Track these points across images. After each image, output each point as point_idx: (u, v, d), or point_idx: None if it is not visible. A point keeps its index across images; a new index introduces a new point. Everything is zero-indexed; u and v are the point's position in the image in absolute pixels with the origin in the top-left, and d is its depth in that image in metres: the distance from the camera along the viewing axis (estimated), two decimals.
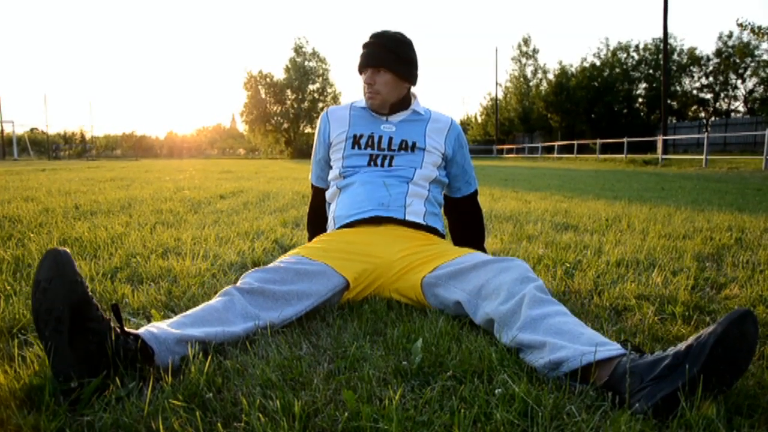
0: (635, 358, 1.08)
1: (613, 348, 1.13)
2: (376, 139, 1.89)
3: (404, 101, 1.94)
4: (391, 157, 1.88)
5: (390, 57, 1.84)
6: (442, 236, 1.93)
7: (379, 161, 1.87)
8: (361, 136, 1.91)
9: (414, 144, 1.89)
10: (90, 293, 1.12)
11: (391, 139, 1.89)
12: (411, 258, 1.66)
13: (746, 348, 1.01)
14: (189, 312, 1.34)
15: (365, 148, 1.89)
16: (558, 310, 1.29)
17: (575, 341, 1.17)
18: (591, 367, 1.10)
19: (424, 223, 1.81)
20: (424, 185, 1.88)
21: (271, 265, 1.57)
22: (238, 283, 1.47)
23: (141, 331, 1.19)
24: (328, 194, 2.00)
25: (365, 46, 1.89)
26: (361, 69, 1.89)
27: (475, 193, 2.13)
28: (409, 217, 1.78)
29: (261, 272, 1.50)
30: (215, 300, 1.40)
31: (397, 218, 1.77)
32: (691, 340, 1.04)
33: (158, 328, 1.22)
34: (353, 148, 1.90)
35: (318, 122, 2.06)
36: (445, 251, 1.67)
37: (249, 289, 1.43)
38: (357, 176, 1.86)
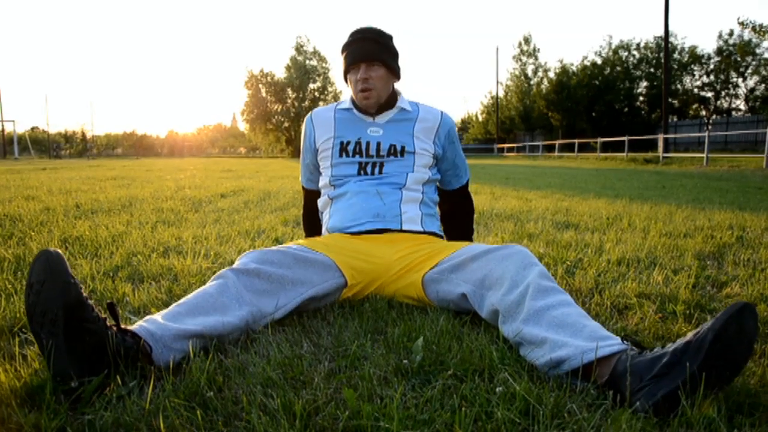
0: (635, 355, 1.07)
1: (613, 343, 1.12)
2: (363, 146, 1.83)
3: (391, 99, 1.88)
4: (381, 164, 1.82)
5: (382, 50, 1.80)
6: (441, 238, 1.91)
7: (368, 169, 1.82)
8: (348, 143, 1.84)
9: (403, 148, 1.83)
10: (84, 294, 1.11)
11: (379, 144, 1.83)
12: (411, 257, 1.66)
13: (745, 342, 1.00)
14: (183, 300, 1.34)
15: (353, 156, 1.83)
16: (561, 300, 1.28)
17: (577, 335, 1.16)
18: (592, 365, 1.10)
19: (422, 230, 1.79)
20: (418, 188, 1.84)
21: (271, 247, 1.57)
22: (236, 263, 1.47)
23: (136, 327, 1.18)
24: (320, 203, 1.97)
25: (351, 43, 1.81)
26: (352, 66, 1.81)
27: (466, 184, 2.10)
28: (405, 227, 1.76)
29: (259, 253, 1.51)
30: (209, 284, 1.39)
31: (394, 229, 1.75)
32: (689, 336, 1.03)
33: (154, 323, 1.21)
34: (341, 155, 1.84)
35: (303, 126, 2.00)
36: (444, 247, 1.66)
37: (244, 270, 1.42)
38: (348, 186, 1.82)
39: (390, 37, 1.85)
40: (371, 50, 1.78)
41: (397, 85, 1.94)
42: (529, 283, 1.32)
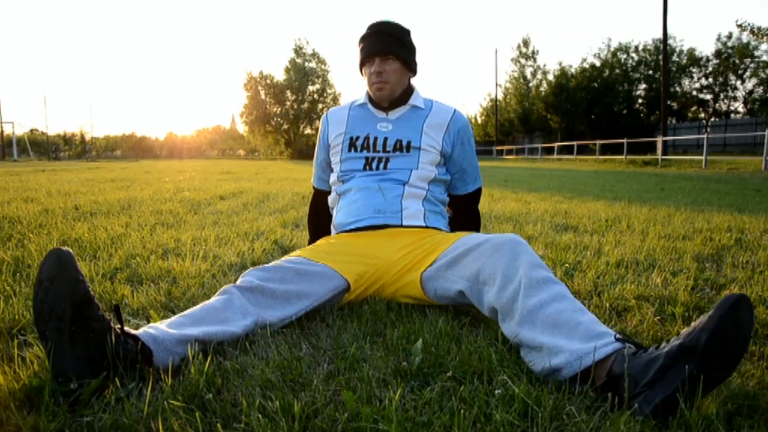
0: (630, 357, 1.07)
1: (608, 342, 1.11)
2: (371, 141, 1.83)
3: (405, 94, 1.86)
4: (387, 160, 1.81)
5: (398, 44, 1.79)
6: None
7: (374, 164, 1.81)
8: (357, 138, 1.85)
9: (409, 143, 1.81)
10: (92, 292, 1.13)
11: (386, 140, 1.82)
12: (410, 256, 1.65)
13: (742, 337, 0.97)
14: (187, 312, 1.34)
15: (361, 151, 1.84)
16: (554, 293, 1.27)
17: (572, 335, 1.16)
18: (589, 367, 1.10)
19: (425, 225, 1.76)
20: (422, 186, 1.81)
21: (271, 264, 1.57)
22: (238, 282, 1.47)
23: (139, 332, 1.19)
24: (330, 200, 1.97)
25: (368, 36, 1.81)
26: (367, 59, 1.81)
27: (474, 194, 2.01)
28: (406, 222, 1.74)
29: (261, 270, 1.50)
30: (214, 299, 1.40)
31: (394, 225, 1.74)
32: (682, 336, 1.02)
33: (156, 329, 1.22)
34: (350, 150, 1.85)
35: (320, 124, 2.03)
36: (440, 241, 1.65)
37: (249, 287, 1.43)
38: (353, 182, 1.82)
39: (407, 32, 1.84)
40: (386, 44, 1.78)
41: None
42: (521, 277, 1.31)
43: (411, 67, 1.85)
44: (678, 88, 38.72)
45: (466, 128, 1.91)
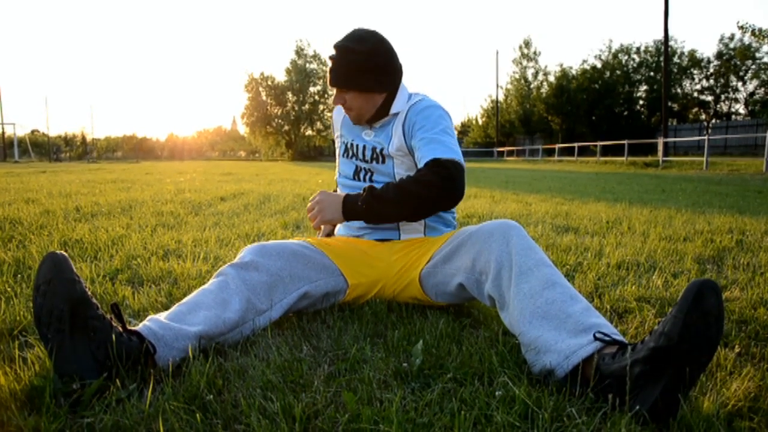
0: (608, 361, 1.06)
1: (589, 341, 1.11)
2: (357, 149, 1.79)
3: (382, 109, 1.70)
4: (371, 172, 1.76)
5: (351, 75, 1.63)
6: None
7: (361, 175, 1.78)
8: (347, 143, 1.82)
9: (382, 151, 1.73)
10: (89, 292, 1.14)
11: (365, 147, 1.76)
12: (407, 256, 1.65)
13: (713, 322, 0.95)
14: (185, 300, 1.36)
15: (351, 158, 1.81)
16: (545, 280, 1.26)
17: (561, 329, 1.16)
18: (583, 366, 1.10)
19: (423, 237, 1.73)
20: None
21: (272, 242, 1.58)
22: (236, 258, 1.50)
23: (140, 327, 1.21)
24: None
25: (330, 59, 1.66)
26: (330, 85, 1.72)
27: (432, 162, 1.50)
28: (404, 236, 1.72)
29: (259, 246, 1.53)
30: (210, 282, 1.43)
31: (392, 239, 1.72)
32: (655, 336, 1.00)
33: (157, 322, 1.24)
34: (344, 155, 1.84)
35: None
36: (436, 238, 1.65)
37: (242, 264, 1.45)
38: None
39: (363, 53, 1.61)
40: (338, 76, 1.64)
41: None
42: (513, 263, 1.31)
43: (376, 89, 1.66)
44: (679, 90, 38.72)
45: (420, 110, 1.65)
